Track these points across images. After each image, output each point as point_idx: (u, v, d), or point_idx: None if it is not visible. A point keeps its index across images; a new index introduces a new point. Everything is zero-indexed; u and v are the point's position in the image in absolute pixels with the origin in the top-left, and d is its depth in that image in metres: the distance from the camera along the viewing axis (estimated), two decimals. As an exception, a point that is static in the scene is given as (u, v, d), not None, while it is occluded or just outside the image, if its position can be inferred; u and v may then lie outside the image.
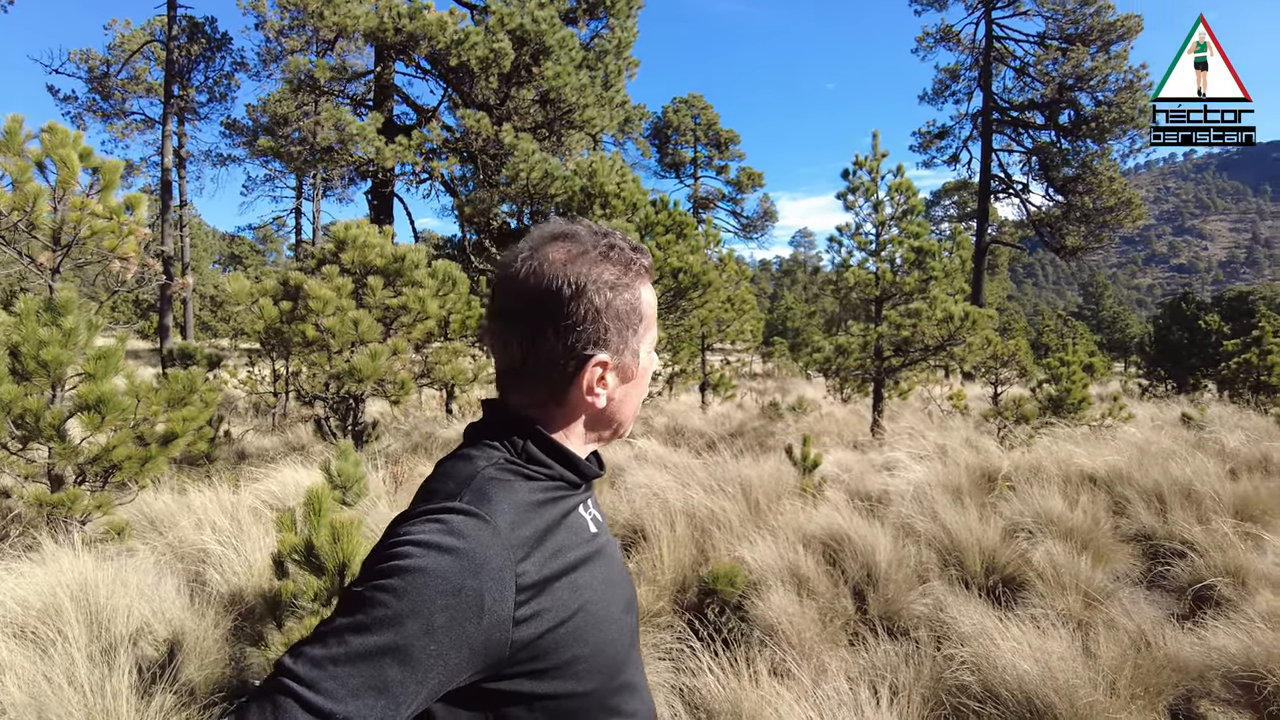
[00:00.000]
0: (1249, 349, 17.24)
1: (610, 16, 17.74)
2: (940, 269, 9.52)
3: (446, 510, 0.82)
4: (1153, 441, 9.10)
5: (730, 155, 49.47)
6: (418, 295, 7.15)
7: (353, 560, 2.71)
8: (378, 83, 17.26)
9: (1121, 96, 30.48)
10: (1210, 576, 4.68)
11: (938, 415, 12.59)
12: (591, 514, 1.02)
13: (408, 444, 8.92)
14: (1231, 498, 6.34)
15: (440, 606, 0.75)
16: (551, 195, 15.61)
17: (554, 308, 0.92)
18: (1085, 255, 35.67)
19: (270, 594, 2.88)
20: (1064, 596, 4.26)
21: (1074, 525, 5.41)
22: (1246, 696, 3.39)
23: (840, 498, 6.04)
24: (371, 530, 4.43)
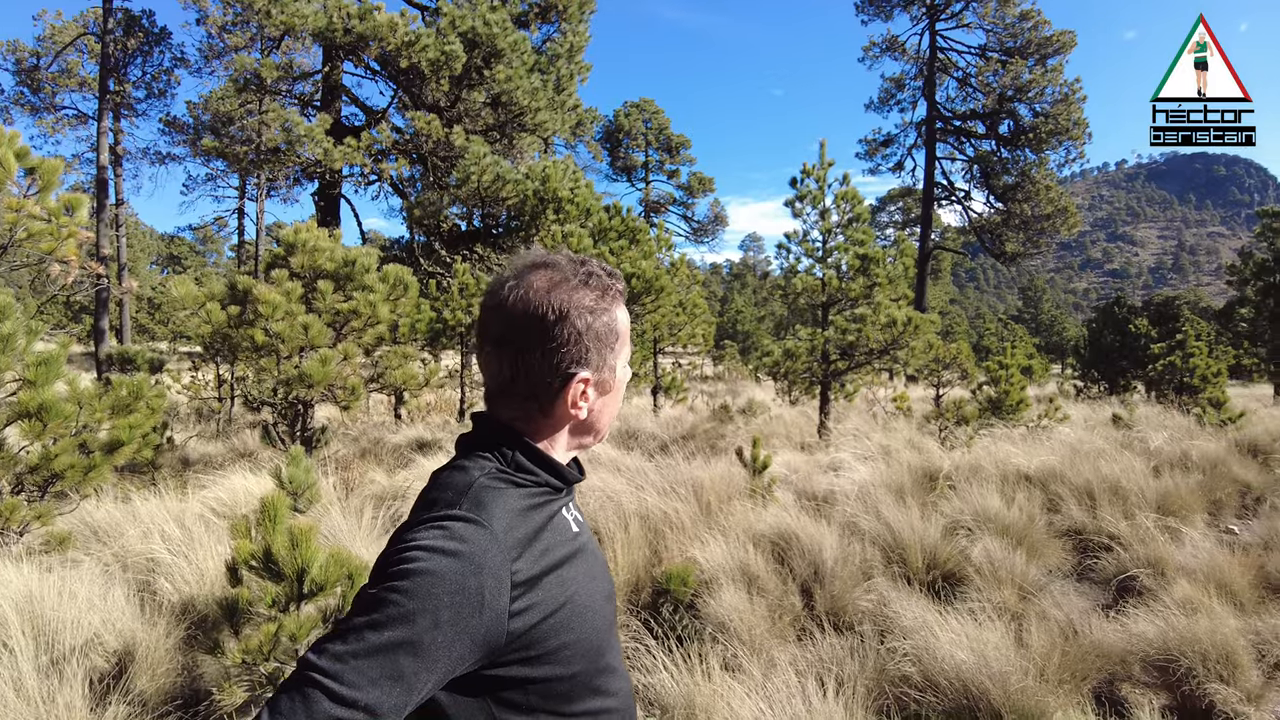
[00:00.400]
0: (1173, 352, 18.04)
1: (562, 21, 17.79)
2: (884, 275, 9.80)
3: (448, 518, 0.93)
4: (1085, 441, 9.51)
5: (681, 160, 49.81)
6: (369, 300, 7.11)
7: (311, 565, 2.74)
8: (326, 83, 17.00)
9: (1057, 109, 31.63)
10: (1133, 568, 4.95)
11: (882, 417, 12.91)
12: (573, 515, 1.13)
13: (357, 450, 8.84)
14: (1154, 494, 6.69)
15: (446, 603, 0.85)
16: (503, 198, 15.59)
17: (541, 332, 1.03)
18: (1024, 260, 36.90)
19: (226, 601, 2.89)
20: (1000, 590, 4.45)
21: (1010, 522, 5.64)
22: (1162, 678, 3.62)
23: (789, 498, 6.20)
24: (326, 536, 4.43)
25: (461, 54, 14.52)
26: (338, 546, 3.01)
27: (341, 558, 2.79)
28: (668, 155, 49.61)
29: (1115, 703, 3.48)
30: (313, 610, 2.92)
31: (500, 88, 15.74)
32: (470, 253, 17.69)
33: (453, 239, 18.18)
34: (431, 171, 16.73)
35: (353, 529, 4.64)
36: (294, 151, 13.94)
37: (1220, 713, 3.45)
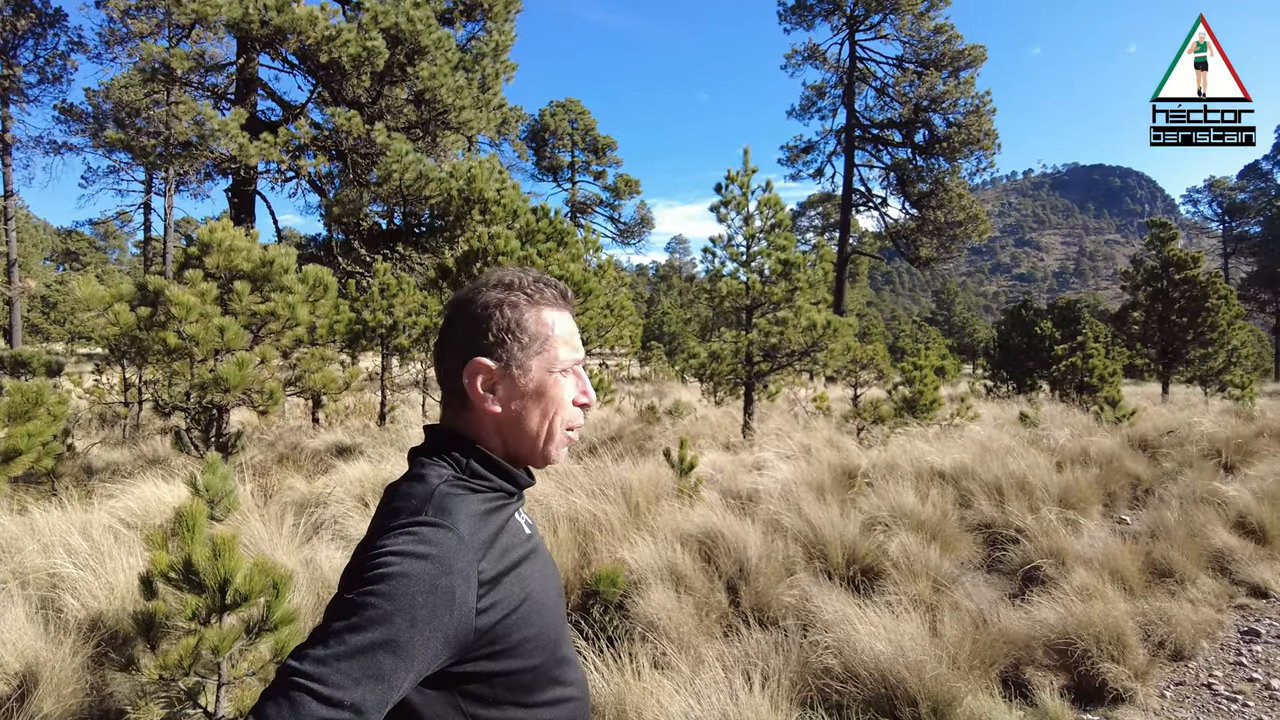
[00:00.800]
0: (1075, 353, 19.05)
1: (488, 19, 17.61)
2: (805, 280, 10.07)
3: (416, 524, 0.97)
4: (995, 439, 9.97)
5: (608, 161, 49.86)
6: (287, 301, 6.92)
7: (235, 575, 2.67)
8: (241, 76, 16.38)
9: (969, 119, 33.04)
10: (1038, 559, 5.24)
11: (803, 416, 13.25)
12: (524, 518, 1.19)
13: (274, 455, 8.57)
14: (1057, 488, 7.08)
15: (422, 603, 0.90)
16: (426, 197, 15.33)
17: (456, 325, 1.14)
18: (938, 265, 38.38)
19: (142, 615, 2.79)
20: (915, 583, 4.66)
21: (925, 518, 5.89)
22: (1062, 660, 3.86)
23: (715, 497, 6.32)
24: (246, 545, 4.30)
25: (384, 50, 14.22)
26: (262, 555, 2.94)
27: (266, 567, 2.73)
28: (594, 156, 49.59)
29: (1020, 685, 3.70)
30: (235, 621, 2.85)
31: (424, 85, 15.47)
32: (391, 252, 17.33)
33: (373, 238, 17.77)
34: (352, 169, 16.32)
35: (273, 537, 4.53)
36: (206, 146, 13.37)
37: (1111, 689, 3.70)
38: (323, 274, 7.40)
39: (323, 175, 17.38)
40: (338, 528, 5.11)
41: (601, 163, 49.65)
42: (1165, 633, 4.31)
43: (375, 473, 6.74)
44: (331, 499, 5.88)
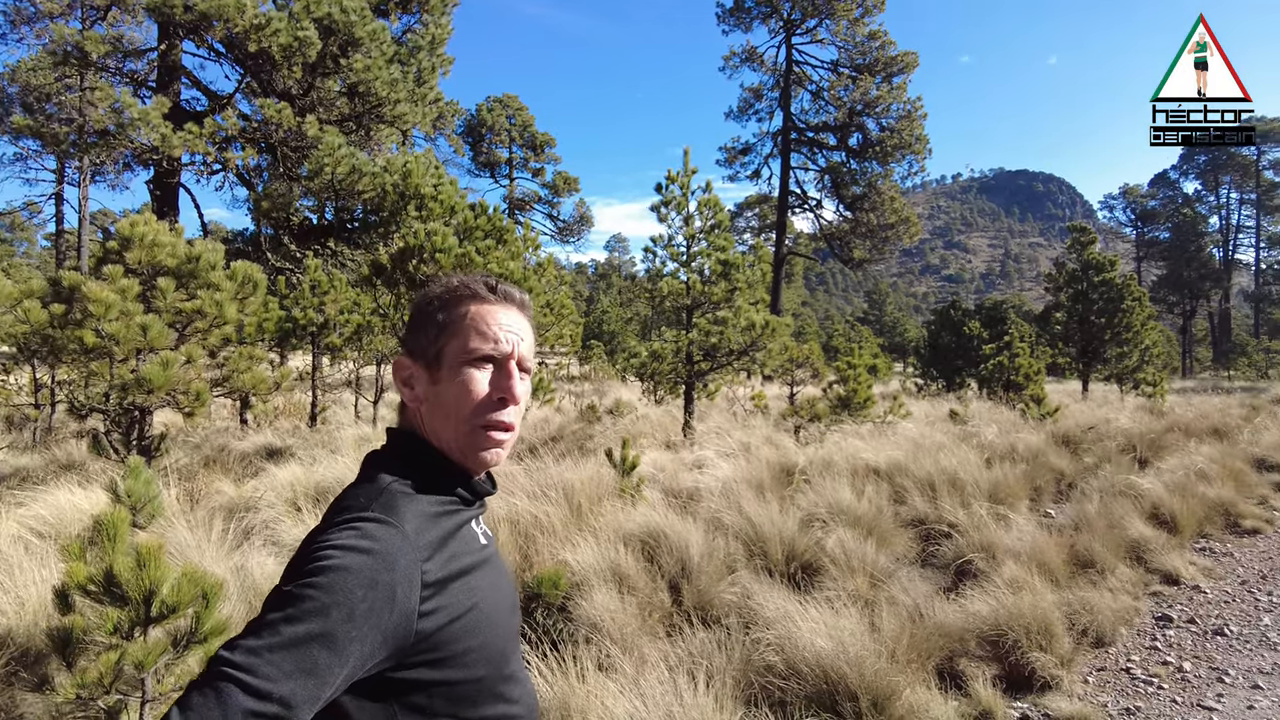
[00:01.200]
0: (1002, 352, 19.74)
1: (424, 12, 17.31)
2: (744, 280, 10.19)
3: (360, 519, 0.96)
4: (927, 436, 10.25)
5: (546, 158, 49.50)
6: (214, 298, 6.66)
7: (161, 586, 2.55)
8: (163, 63, 15.69)
9: (901, 124, 33.95)
10: (970, 553, 5.40)
11: (741, 415, 13.40)
12: (482, 528, 1.18)
13: (200, 458, 8.26)
14: (987, 483, 7.32)
15: (360, 598, 0.88)
16: (359, 192, 14.97)
17: (407, 327, 1.18)
18: (870, 266, 39.35)
19: (57, 631, 2.64)
20: (853, 579, 4.74)
21: (861, 514, 6.01)
22: (994, 651, 3.99)
23: (657, 496, 6.33)
24: (172, 553, 4.13)
25: (316, 41, 13.83)
26: (190, 564, 2.82)
27: (196, 576, 2.61)
28: (532, 153, 49.17)
29: (955, 677, 3.81)
30: (161, 634, 2.72)
31: (358, 77, 15.10)
32: (322, 248, 16.89)
33: (303, 233, 17.28)
34: (281, 162, 15.82)
35: (201, 544, 4.35)
36: (126, 135, 12.75)
37: (1040, 678, 3.85)
38: (252, 270, 7.15)
39: (251, 168, 16.82)
40: (269, 533, 4.94)
41: (540, 160, 49.27)
42: (1088, 621, 4.50)
43: (307, 476, 6.55)
44: (262, 503, 5.69)
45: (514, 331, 1.13)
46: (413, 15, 17.71)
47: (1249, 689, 3.94)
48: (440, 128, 35.97)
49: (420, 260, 9.09)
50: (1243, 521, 7.37)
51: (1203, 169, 64.74)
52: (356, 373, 13.60)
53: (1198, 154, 64.77)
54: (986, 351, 20.62)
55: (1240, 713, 3.68)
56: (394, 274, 9.46)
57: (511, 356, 1.12)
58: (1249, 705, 3.75)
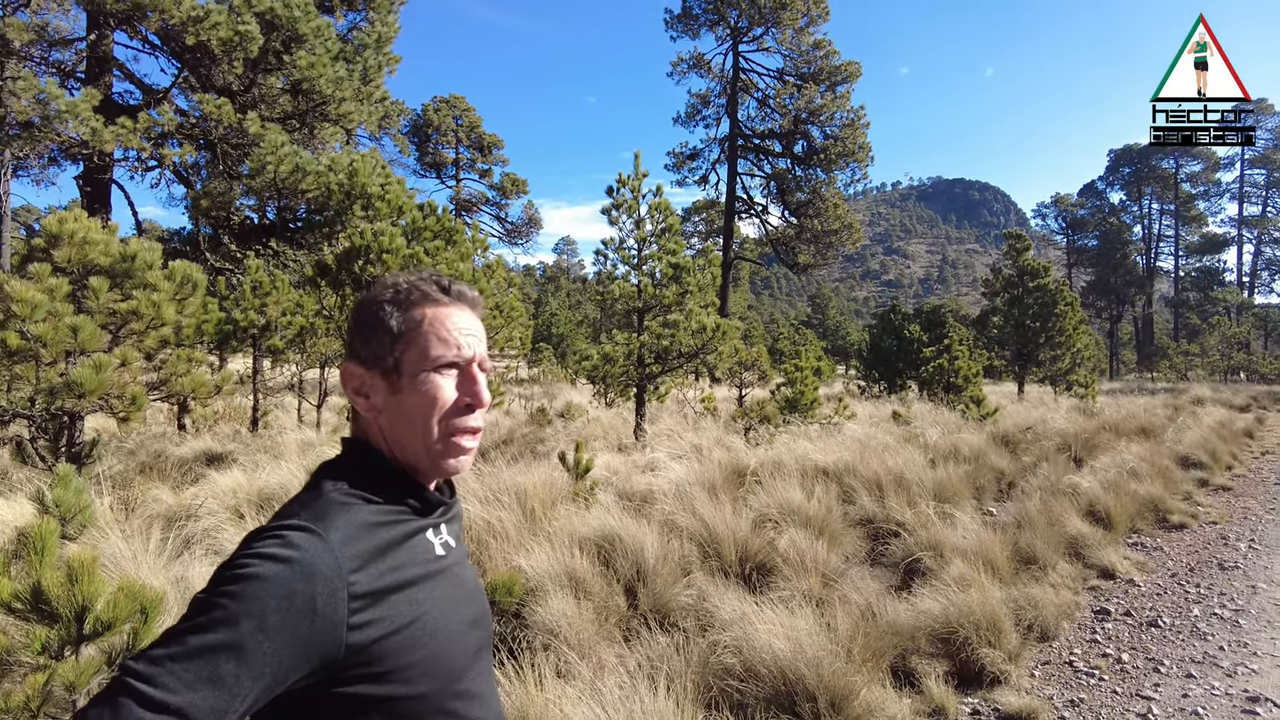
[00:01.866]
0: (942, 355, 20.23)
1: (370, 9, 16.99)
2: (695, 284, 10.25)
3: (284, 528, 0.92)
4: (872, 437, 10.44)
5: (494, 159, 49.04)
6: (151, 299, 6.41)
7: (95, 602, 2.43)
8: (93, 54, 15.05)
9: (845, 132, 34.64)
10: (918, 551, 5.51)
11: (692, 417, 13.47)
12: (443, 539, 1.12)
13: (136, 465, 7.95)
14: (932, 483, 7.49)
15: (273, 608, 0.84)
16: (302, 191, 14.61)
17: (350, 331, 1.12)
18: (815, 271, 40.02)
19: (-18, 650, 2.49)
20: (806, 578, 4.80)
21: (812, 514, 6.09)
22: (945, 648, 4.07)
23: (610, 499, 6.31)
24: (107, 565, 3.95)
25: (258, 35, 13.45)
26: (127, 577, 2.70)
27: (133, 590, 2.50)
28: (480, 154, 48.66)
29: (908, 674, 3.88)
30: (95, 652, 2.59)
31: (301, 74, 14.73)
32: (264, 248, 16.40)
33: (244, 233, 16.77)
34: (222, 159, 15.34)
35: (138, 554, 4.17)
36: (52, 128, 12.20)
37: (989, 673, 3.94)
38: (192, 270, 6.91)
39: (189, 165, 16.28)
40: (211, 542, 4.77)
41: (487, 161, 48.79)
42: (1033, 616, 4.63)
43: (250, 482, 6.36)
44: (203, 511, 5.49)
45: (473, 334, 1.11)
46: (358, 12, 17.37)
47: (1183, 678, 4.10)
48: (386, 127, 35.44)
49: (367, 261, 8.92)
50: (1171, 517, 7.69)
51: (1127, 180, 67.60)
52: (300, 376, 13.26)
53: (1123, 165, 67.61)
54: (927, 354, 21.10)
55: (1175, 701, 3.82)
56: (339, 275, 9.26)
57: (474, 360, 1.10)
58: (1183, 694, 3.90)
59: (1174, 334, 63.60)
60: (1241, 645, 4.56)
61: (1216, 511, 8.13)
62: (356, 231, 9.17)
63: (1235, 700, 3.83)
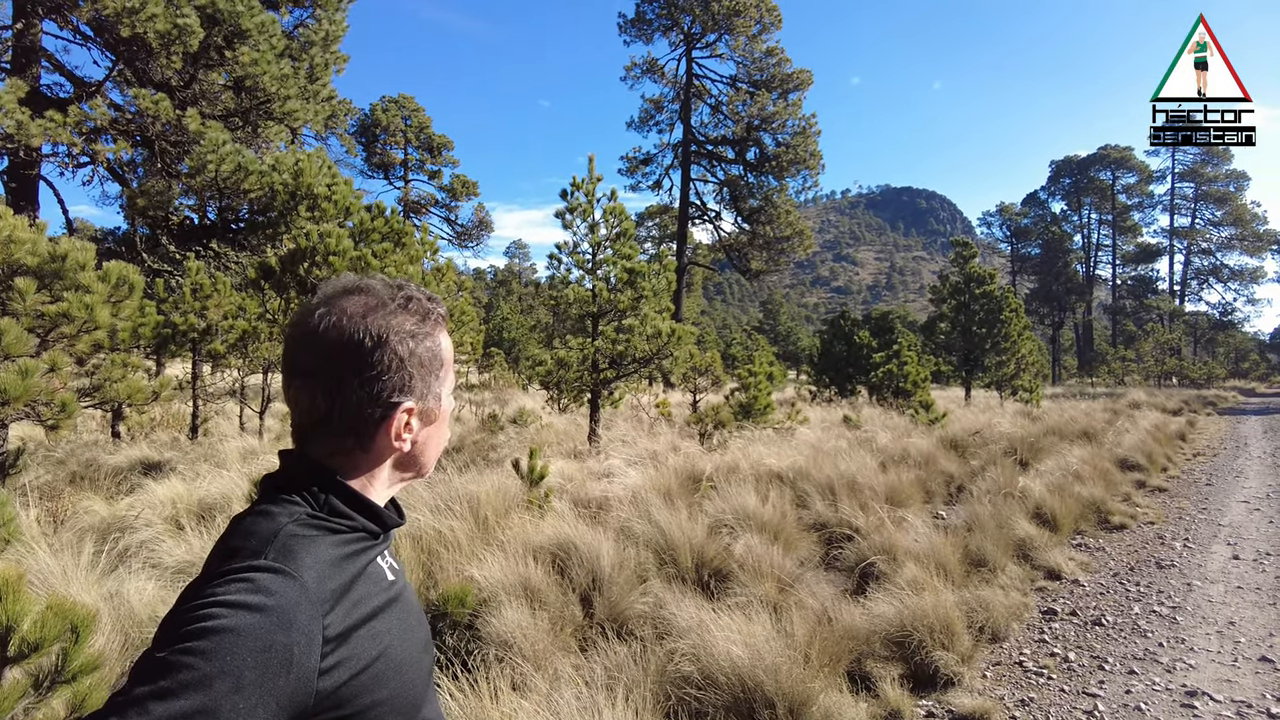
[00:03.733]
0: (891, 360, 20.56)
1: (317, 7, 16.64)
2: (650, 289, 10.21)
3: (253, 569, 0.82)
4: (824, 441, 10.54)
5: (444, 161, 48.44)
6: (84, 301, 6.13)
7: (21, 621, 2.28)
8: (19, 43, 14.38)
9: (797, 140, 35.09)
10: (872, 555, 5.55)
11: (647, 422, 13.43)
12: (389, 562, 1.05)
13: (65, 474, 7.60)
14: (884, 487, 7.57)
15: (250, 664, 0.74)
16: (245, 191, 14.19)
17: (357, 359, 0.95)
18: (767, 277, 40.42)
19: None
20: (762, 583, 4.79)
21: (767, 519, 6.10)
22: (900, 651, 4.09)
23: (565, 507, 6.22)
24: (33, 582, 3.74)
25: (198, 29, 13.03)
26: (57, 595, 2.54)
27: (64, 608, 2.35)
28: (429, 155, 48.03)
29: (864, 678, 3.88)
30: (21, 675, 2.43)
31: (245, 71, 14.33)
32: (205, 249, 15.88)
33: (184, 233, 16.21)
34: (160, 157, 14.82)
35: (68, 569, 3.96)
36: (-26, 121, 11.65)
37: (943, 675, 3.97)
38: (128, 271, 6.63)
39: (124, 163, 15.67)
40: (149, 555, 4.55)
41: (437, 162, 48.17)
42: (984, 618, 4.69)
43: (190, 491, 6.11)
44: (140, 522, 5.25)
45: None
46: (305, 9, 16.98)
47: (1126, 675, 4.19)
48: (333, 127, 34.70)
49: (312, 263, 8.68)
50: (1112, 518, 7.91)
51: (1067, 190, 69.83)
52: (242, 381, 12.85)
53: (1063, 176, 69.83)
54: (877, 360, 21.43)
55: (1119, 698, 3.91)
56: (284, 277, 9.00)
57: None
58: (1126, 690, 3.99)
59: (1112, 340, 65.83)
60: (1179, 641, 4.69)
61: (1154, 512, 8.38)
62: (302, 233, 8.93)
63: (1175, 695, 3.93)
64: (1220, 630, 4.89)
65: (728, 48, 36.26)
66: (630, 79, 37.63)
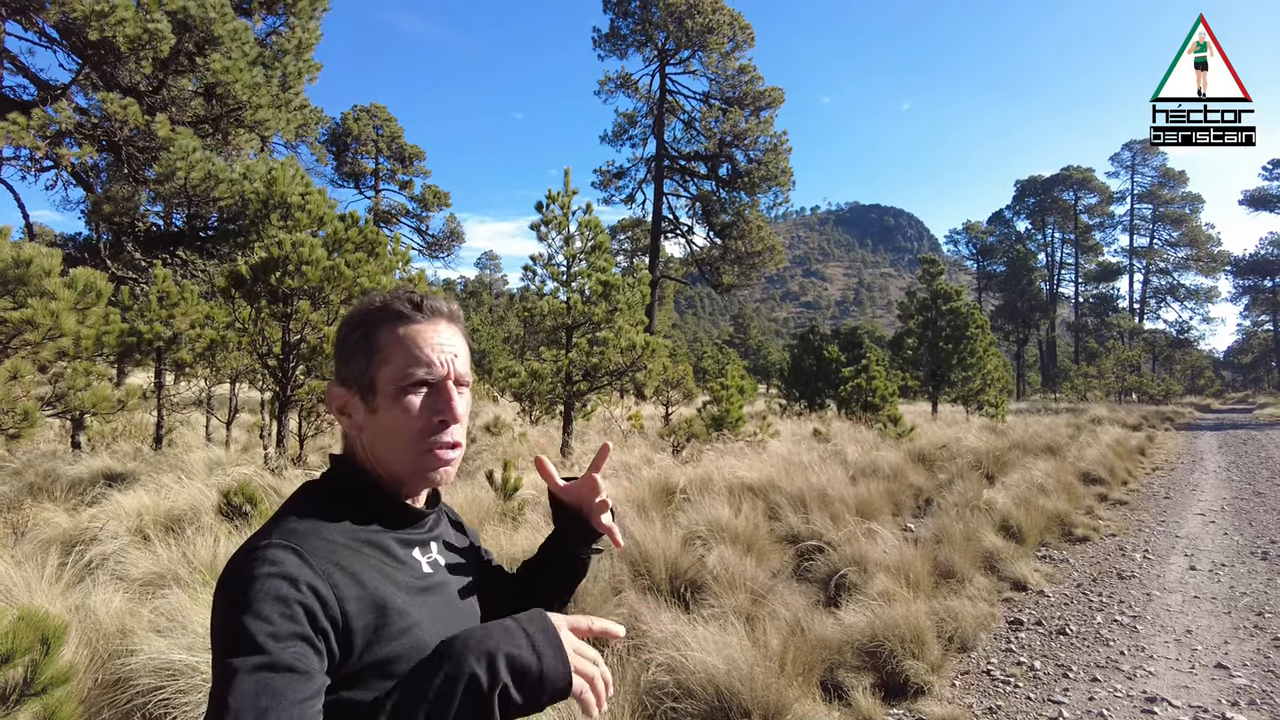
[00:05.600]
0: (860, 374, 20.80)
1: (290, 14, 16.53)
2: (625, 301, 10.26)
3: (259, 549, 0.92)
4: (795, 454, 10.62)
5: (415, 171, 48.22)
6: (49, 308, 6.03)
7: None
8: (-18, 45, 14.17)
9: (768, 156, 35.51)
10: (843, 566, 5.61)
11: (620, 434, 13.45)
12: (431, 557, 1.12)
13: (23, 485, 7.42)
14: (854, 499, 7.66)
15: (279, 614, 0.85)
16: (215, 199, 14.04)
17: (334, 356, 1.14)
18: (737, 291, 40.73)
19: None
20: (735, 595, 4.82)
21: (740, 531, 6.14)
22: (872, 661, 4.15)
23: (539, 519, 6.21)
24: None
25: (169, 35, 12.89)
26: (27, 607, 2.50)
27: (35, 619, 2.32)
28: (400, 165, 47.78)
29: (837, 687, 3.93)
30: (-12, 687, 2.38)
31: (216, 78, 14.19)
32: (172, 257, 15.65)
33: (150, 240, 15.96)
34: (127, 163, 14.60)
35: (31, 581, 3.87)
36: (-66, 123, 11.39)
37: (913, 684, 4.04)
38: (95, 278, 6.53)
39: (89, 167, 15.43)
40: (115, 567, 4.46)
41: (408, 172, 47.92)
42: (953, 628, 4.77)
43: (157, 503, 6.00)
44: (104, 534, 5.15)
45: (447, 349, 1.10)
46: (278, 17, 16.87)
47: (1089, 682, 4.29)
48: (304, 135, 34.42)
49: (285, 272, 8.59)
50: (1075, 530, 8.08)
51: (1031, 210, 71.34)
52: (209, 392, 12.65)
53: (1028, 196, 71.34)
54: (845, 374, 21.67)
55: (1083, 704, 4.00)
56: (255, 286, 8.88)
57: (448, 377, 1.08)
58: (1090, 697, 4.09)
59: (1075, 357, 67.19)
60: (1140, 649, 4.81)
61: (1115, 524, 8.57)
62: (274, 241, 8.83)
63: (1136, 701, 4.03)
64: (1178, 638, 5.03)
65: (701, 64, 36.66)
66: (604, 93, 37.88)
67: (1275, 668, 4.53)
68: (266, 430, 10.55)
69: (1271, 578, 6.51)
